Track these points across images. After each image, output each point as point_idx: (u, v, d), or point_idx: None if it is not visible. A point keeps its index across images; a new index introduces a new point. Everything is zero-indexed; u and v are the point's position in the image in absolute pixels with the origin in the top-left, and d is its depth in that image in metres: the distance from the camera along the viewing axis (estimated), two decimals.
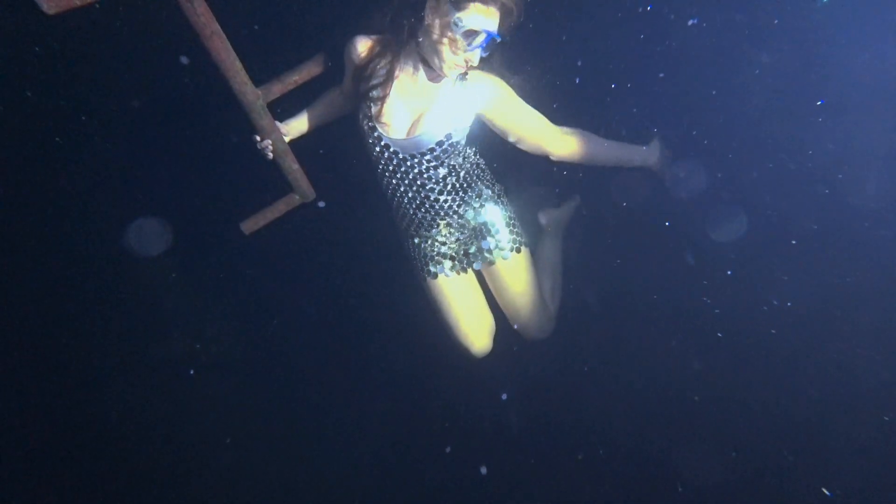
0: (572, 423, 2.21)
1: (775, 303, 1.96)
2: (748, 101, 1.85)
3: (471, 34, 1.28)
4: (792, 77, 1.77)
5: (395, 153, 1.52)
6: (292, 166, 1.74)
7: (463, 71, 1.39)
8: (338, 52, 1.56)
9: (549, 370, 2.25)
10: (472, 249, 1.75)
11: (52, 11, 1.00)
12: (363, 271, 2.34)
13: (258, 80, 1.52)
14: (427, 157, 1.51)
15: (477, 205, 1.69)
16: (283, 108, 1.62)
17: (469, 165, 1.64)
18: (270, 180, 1.80)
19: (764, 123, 1.85)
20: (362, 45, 1.47)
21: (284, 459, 2.29)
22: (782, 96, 1.80)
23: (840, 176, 1.79)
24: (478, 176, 1.68)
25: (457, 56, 1.33)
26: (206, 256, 2.40)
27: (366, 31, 1.48)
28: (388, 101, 1.47)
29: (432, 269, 1.74)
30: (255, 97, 1.54)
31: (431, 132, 1.47)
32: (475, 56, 1.33)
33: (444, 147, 1.50)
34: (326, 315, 2.43)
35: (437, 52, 1.34)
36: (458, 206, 1.66)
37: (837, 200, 1.80)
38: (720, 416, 2.03)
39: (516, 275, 1.76)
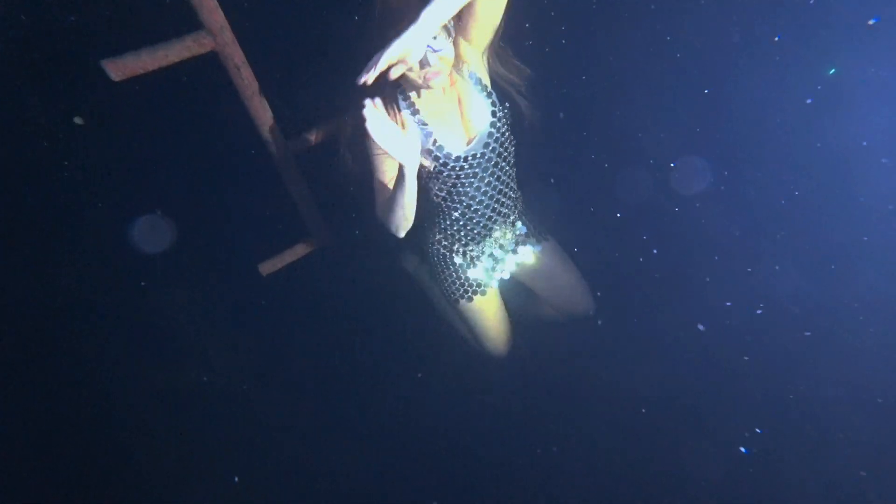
0: (572, 422, 2.21)
1: (776, 302, 1.97)
2: (751, 99, 1.87)
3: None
4: (795, 75, 1.78)
5: (467, 159, 1.49)
6: (313, 213, 1.84)
7: (440, 76, 1.32)
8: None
9: (548, 369, 2.28)
10: (510, 254, 1.82)
11: (118, 79, 1.11)
12: (374, 314, 2.40)
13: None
14: (491, 144, 1.51)
15: (518, 206, 1.78)
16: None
17: (513, 154, 1.63)
18: (290, 224, 1.89)
19: (767, 120, 1.87)
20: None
21: (285, 497, 2.29)
22: (786, 95, 1.82)
23: (843, 175, 1.80)
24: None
25: (419, 74, 1.30)
26: (223, 293, 2.46)
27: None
28: (435, 128, 1.47)
29: (476, 287, 1.78)
30: (284, 149, 1.66)
31: (482, 122, 1.48)
32: (432, 60, 1.28)
33: (497, 126, 1.50)
34: (336, 357, 2.47)
35: (409, 82, 1.37)
36: (514, 201, 1.72)
37: (839, 200, 1.83)
38: (720, 416, 2.02)
39: (556, 259, 1.88)
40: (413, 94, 1.46)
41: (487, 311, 1.84)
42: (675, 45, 1.91)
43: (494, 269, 1.81)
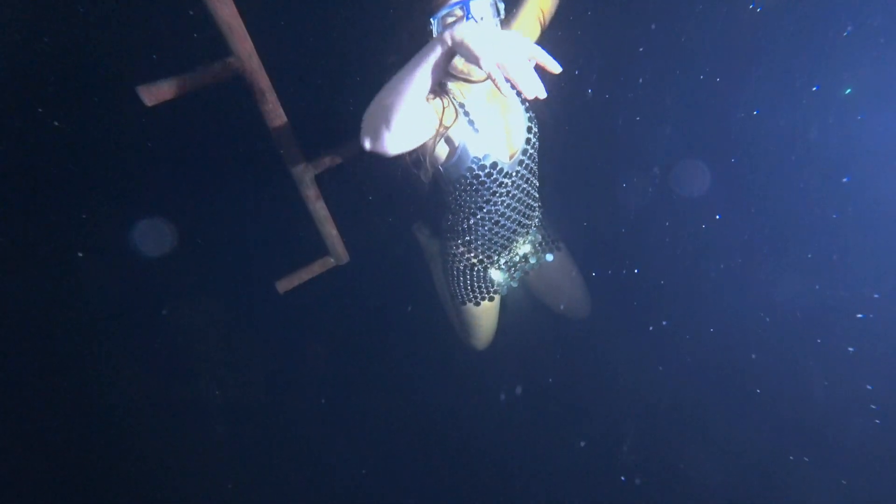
0: (573, 423, 2.21)
1: (778, 303, 1.98)
2: (754, 101, 1.88)
3: (450, 19, 1.15)
4: (798, 76, 1.80)
5: (509, 174, 1.45)
6: (331, 231, 1.87)
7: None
8: None
9: (550, 369, 2.30)
10: (527, 260, 1.83)
11: (151, 104, 1.15)
12: (388, 333, 2.42)
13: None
14: (525, 161, 1.48)
15: (539, 217, 1.78)
16: None
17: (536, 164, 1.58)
18: (307, 242, 1.92)
19: (770, 123, 1.88)
20: None
21: None
22: (788, 96, 1.84)
23: (847, 176, 1.82)
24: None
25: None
26: (239, 309, 2.50)
27: None
28: (482, 134, 1.38)
29: (486, 294, 1.78)
30: (304, 170, 1.69)
31: (521, 136, 1.45)
32: None
33: (532, 142, 1.47)
34: (349, 374, 2.49)
35: (450, 67, 1.23)
36: (537, 213, 1.71)
37: (841, 200, 1.84)
38: (722, 416, 2.04)
39: (564, 267, 1.90)
40: (459, 91, 1.34)
41: (485, 314, 1.86)
42: (680, 49, 1.93)
43: (507, 279, 1.83)
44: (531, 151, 1.48)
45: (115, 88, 1.89)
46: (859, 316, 1.90)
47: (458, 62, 1.23)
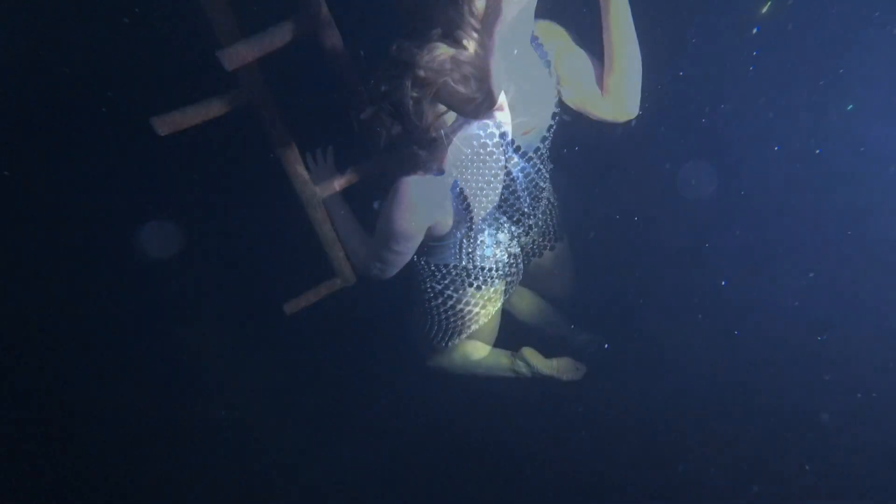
0: (573, 424, 2.20)
1: (781, 304, 1.99)
2: (756, 103, 1.89)
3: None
4: (800, 77, 1.81)
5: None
6: (338, 254, 1.88)
7: None
8: None
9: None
10: (526, 253, 1.75)
11: (164, 133, 1.18)
12: (394, 354, 2.41)
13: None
14: (542, 149, 1.39)
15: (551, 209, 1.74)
16: None
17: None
18: (314, 265, 1.93)
19: (772, 124, 1.90)
20: None
21: None
22: (790, 97, 1.84)
23: (848, 177, 1.83)
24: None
25: None
26: (246, 331, 2.51)
27: None
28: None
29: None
30: (312, 194, 1.71)
31: (545, 115, 1.35)
32: None
33: (551, 130, 1.37)
34: (354, 395, 2.49)
35: None
36: (543, 199, 1.62)
37: (843, 201, 1.85)
38: (724, 417, 2.03)
39: (560, 257, 1.85)
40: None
41: (489, 324, 1.82)
42: (683, 50, 1.92)
43: (509, 269, 1.73)
44: (547, 142, 1.39)
45: (121, 114, 1.93)
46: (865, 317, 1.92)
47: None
